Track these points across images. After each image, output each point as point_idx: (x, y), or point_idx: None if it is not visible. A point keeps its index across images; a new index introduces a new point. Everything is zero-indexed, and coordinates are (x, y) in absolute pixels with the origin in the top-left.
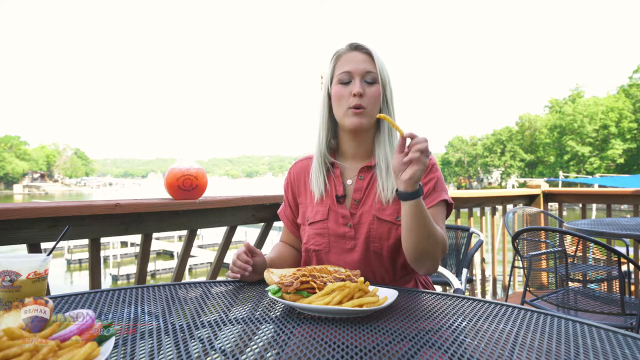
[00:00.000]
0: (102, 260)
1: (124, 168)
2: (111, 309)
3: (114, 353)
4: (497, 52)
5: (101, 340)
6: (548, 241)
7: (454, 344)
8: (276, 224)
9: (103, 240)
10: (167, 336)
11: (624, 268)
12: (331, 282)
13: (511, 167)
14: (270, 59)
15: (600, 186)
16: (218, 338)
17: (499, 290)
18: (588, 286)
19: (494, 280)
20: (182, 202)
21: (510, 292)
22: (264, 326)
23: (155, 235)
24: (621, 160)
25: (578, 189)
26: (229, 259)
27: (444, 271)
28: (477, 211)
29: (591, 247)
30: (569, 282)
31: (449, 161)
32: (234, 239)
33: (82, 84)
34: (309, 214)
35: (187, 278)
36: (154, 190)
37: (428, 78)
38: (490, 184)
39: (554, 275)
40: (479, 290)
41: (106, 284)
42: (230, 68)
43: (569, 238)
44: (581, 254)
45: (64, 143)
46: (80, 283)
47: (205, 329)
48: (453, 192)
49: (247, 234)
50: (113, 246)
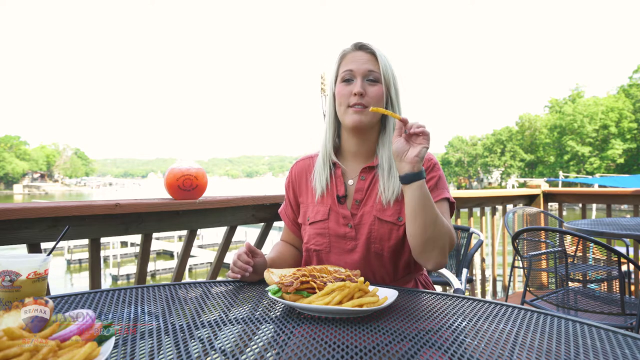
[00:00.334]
0: (102, 260)
1: (124, 168)
2: (111, 309)
3: (114, 353)
4: (497, 52)
5: (101, 340)
6: (548, 241)
7: (454, 344)
8: (276, 224)
9: (103, 240)
10: (167, 336)
11: (624, 268)
12: (331, 282)
13: (511, 167)
14: (270, 58)
15: (600, 186)
16: (218, 338)
17: (499, 290)
18: (588, 286)
19: (494, 280)
20: (182, 202)
21: (510, 292)
22: (264, 326)
23: (155, 235)
24: (621, 160)
25: (578, 189)
26: (229, 259)
27: (444, 271)
28: (477, 211)
29: (591, 247)
30: (569, 282)
31: (449, 161)
32: (234, 239)
33: (82, 83)
34: (310, 214)
35: (187, 278)
36: (154, 190)
37: (428, 78)
38: (490, 184)
39: (554, 275)
40: (479, 290)
41: (106, 284)
42: (230, 68)
43: (569, 238)
44: (581, 254)
45: (64, 143)
46: (80, 283)
47: (205, 329)
48: (453, 192)
49: (247, 234)
50: (113, 246)
